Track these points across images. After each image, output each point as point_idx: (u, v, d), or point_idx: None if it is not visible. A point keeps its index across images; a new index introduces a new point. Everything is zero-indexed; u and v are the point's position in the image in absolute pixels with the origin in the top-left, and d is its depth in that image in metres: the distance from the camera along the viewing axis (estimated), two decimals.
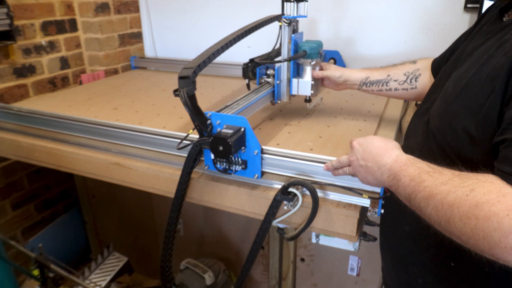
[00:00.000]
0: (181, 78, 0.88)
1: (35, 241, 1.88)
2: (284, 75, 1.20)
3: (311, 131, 1.20)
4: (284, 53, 1.18)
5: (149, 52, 2.26)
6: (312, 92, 1.20)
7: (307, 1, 1.16)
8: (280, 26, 1.16)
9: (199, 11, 2.04)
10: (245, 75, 1.20)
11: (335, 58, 1.76)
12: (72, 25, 1.91)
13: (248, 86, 1.21)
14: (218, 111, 0.94)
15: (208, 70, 0.99)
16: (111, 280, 1.61)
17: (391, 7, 1.65)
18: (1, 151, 1.31)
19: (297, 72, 1.22)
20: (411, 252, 0.82)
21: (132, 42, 2.16)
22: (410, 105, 1.57)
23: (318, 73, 1.18)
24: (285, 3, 1.15)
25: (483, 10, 1.31)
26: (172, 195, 1.00)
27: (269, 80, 1.21)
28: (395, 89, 1.12)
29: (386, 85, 1.12)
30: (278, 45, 1.21)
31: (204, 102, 1.46)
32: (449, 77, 0.77)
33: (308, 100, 1.24)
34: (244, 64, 1.19)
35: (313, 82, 1.18)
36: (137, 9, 2.16)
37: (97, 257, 1.72)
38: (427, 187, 0.59)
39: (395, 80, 1.11)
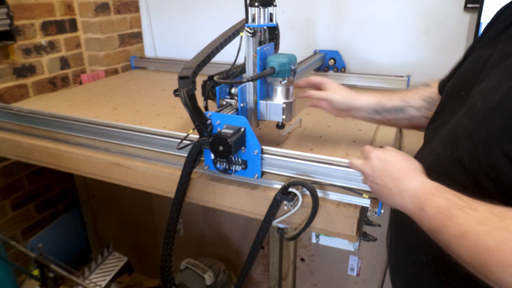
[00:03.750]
0: (181, 78, 0.88)
1: (35, 241, 1.87)
2: (249, 96, 0.99)
3: None
4: (249, 70, 0.97)
5: (149, 52, 2.26)
6: (284, 117, 0.99)
7: (275, 5, 0.95)
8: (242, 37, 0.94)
9: (199, 11, 2.04)
10: (203, 95, 1.00)
11: (335, 58, 1.76)
12: (72, 25, 1.91)
13: (205, 108, 1.00)
14: None
15: (204, 69, 0.98)
16: (111, 280, 1.62)
17: (391, 7, 1.65)
18: (1, 151, 1.31)
19: (266, 93, 1.02)
20: (429, 282, 0.74)
21: (132, 42, 2.16)
22: None
23: (314, 94, 1.01)
24: (248, 8, 0.93)
25: (483, 10, 1.32)
26: (172, 195, 1.00)
27: (232, 102, 0.99)
28: (415, 117, 0.93)
29: (404, 113, 0.93)
30: (243, 59, 0.99)
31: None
32: (468, 86, 0.67)
33: (280, 126, 1.03)
34: (203, 82, 1.00)
35: (284, 106, 0.98)
36: (137, 9, 2.16)
37: (97, 257, 1.72)
38: (460, 224, 0.52)
39: (413, 106, 0.93)
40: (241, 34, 0.94)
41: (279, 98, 0.99)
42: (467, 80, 0.70)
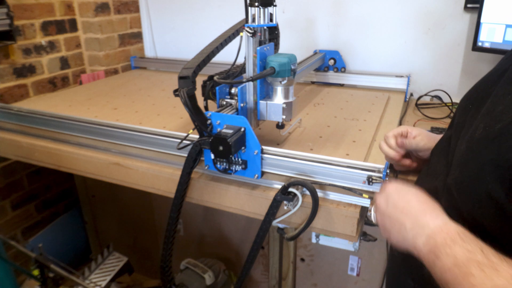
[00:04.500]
0: (181, 78, 0.88)
1: (35, 241, 1.87)
2: (249, 96, 1.00)
3: None
4: (249, 70, 0.98)
5: (149, 52, 2.26)
6: (284, 117, 1.00)
7: (275, 5, 0.96)
8: (242, 37, 0.95)
9: (199, 11, 2.04)
10: (203, 95, 1.00)
11: (335, 58, 1.76)
12: (72, 25, 1.91)
13: (205, 108, 1.00)
14: None
15: (204, 69, 0.98)
16: (111, 280, 1.61)
17: (391, 7, 1.65)
18: (1, 151, 1.31)
19: (266, 93, 1.02)
20: None
21: (132, 42, 2.16)
22: (410, 105, 1.57)
23: (408, 143, 0.84)
24: (248, 8, 0.93)
25: (483, 10, 1.32)
26: (172, 195, 1.00)
27: (232, 102, 0.99)
28: None
29: None
30: (243, 59, 1.00)
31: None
32: (479, 102, 0.60)
33: (280, 126, 1.03)
34: (203, 81, 1.00)
35: (284, 106, 0.98)
36: (137, 9, 2.16)
37: (97, 257, 1.72)
38: (475, 286, 0.45)
39: None
40: (241, 34, 0.95)
41: (279, 98, 1.00)
42: (482, 94, 0.63)
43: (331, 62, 1.77)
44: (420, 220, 0.55)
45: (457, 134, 0.64)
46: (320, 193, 0.88)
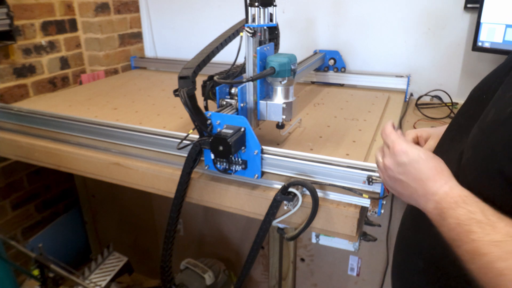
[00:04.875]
0: (181, 78, 0.88)
1: (35, 241, 1.87)
2: (249, 96, 1.00)
3: None
4: (249, 70, 0.98)
5: (149, 52, 2.26)
6: (284, 117, 1.00)
7: (275, 5, 0.96)
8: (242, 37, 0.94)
9: (199, 11, 2.04)
10: (203, 95, 1.00)
11: (335, 58, 1.76)
12: (72, 25, 1.91)
13: (205, 108, 1.00)
14: None
15: (204, 69, 0.98)
16: (111, 280, 1.61)
17: (391, 7, 1.65)
18: (1, 151, 1.31)
19: (266, 93, 1.02)
20: None
21: (132, 42, 2.16)
22: (410, 105, 1.57)
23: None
24: (248, 8, 0.93)
25: (483, 10, 1.32)
26: (172, 195, 1.00)
27: (232, 102, 0.99)
28: None
29: None
30: (243, 59, 1.00)
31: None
32: (493, 92, 0.64)
33: (280, 126, 1.04)
34: (203, 81, 1.00)
35: (284, 106, 0.98)
36: (137, 9, 2.16)
37: (97, 257, 1.72)
38: (474, 241, 0.51)
39: None
40: (241, 34, 0.95)
41: (279, 98, 1.00)
42: (490, 83, 0.68)
43: (331, 62, 1.77)
44: (430, 187, 0.60)
45: (471, 122, 0.66)
46: (320, 193, 0.88)
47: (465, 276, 0.54)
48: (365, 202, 0.85)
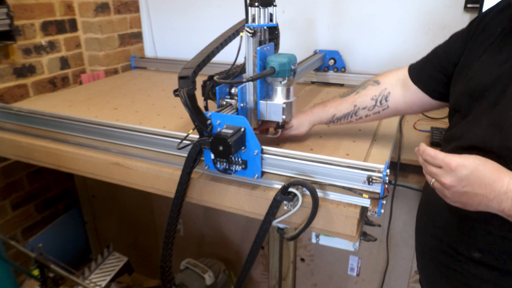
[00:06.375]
0: (181, 78, 0.88)
1: (35, 241, 1.87)
2: (249, 96, 1.00)
3: None
4: (249, 70, 0.97)
5: (149, 52, 2.26)
6: (284, 117, 1.00)
7: (275, 5, 0.96)
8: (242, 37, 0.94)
9: (199, 11, 2.04)
10: (203, 95, 1.00)
11: (335, 58, 1.76)
12: (72, 25, 1.91)
13: (205, 108, 1.00)
14: None
15: (204, 69, 0.98)
16: (111, 280, 1.62)
17: (391, 7, 1.65)
18: (1, 151, 1.31)
19: (266, 93, 1.02)
20: (483, 282, 0.77)
21: (132, 42, 2.16)
22: None
23: (283, 135, 1.07)
24: (248, 8, 0.93)
25: (483, 10, 1.31)
26: (172, 195, 1.00)
27: (232, 102, 0.99)
28: (366, 116, 1.05)
29: (356, 115, 1.05)
30: (243, 59, 1.00)
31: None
32: (492, 88, 0.74)
33: (280, 126, 1.05)
34: (203, 81, 1.00)
35: (284, 106, 0.98)
36: (137, 9, 2.16)
37: (97, 257, 1.72)
38: None
39: (364, 108, 1.04)
40: (241, 34, 0.94)
41: (279, 98, 0.99)
42: (488, 85, 0.75)
43: (331, 62, 1.77)
44: (500, 188, 0.63)
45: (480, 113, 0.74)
46: (320, 193, 0.88)
47: None
48: (365, 202, 0.85)
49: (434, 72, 0.94)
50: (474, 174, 0.64)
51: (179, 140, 0.96)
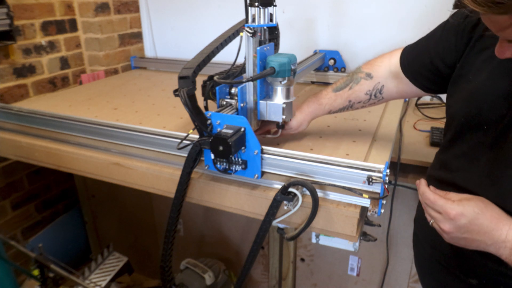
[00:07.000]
0: (181, 78, 0.88)
1: (35, 241, 1.88)
2: (249, 96, 0.99)
3: None
4: (249, 70, 0.97)
5: (149, 52, 2.26)
6: (284, 117, 1.00)
7: (275, 5, 0.96)
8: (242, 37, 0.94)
9: (199, 11, 2.04)
10: (203, 95, 1.00)
11: (335, 58, 1.76)
12: (72, 25, 1.91)
13: (205, 108, 0.99)
14: None
15: (204, 69, 0.98)
16: (111, 280, 1.62)
17: (391, 7, 1.65)
18: (1, 151, 1.31)
19: (266, 93, 1.02)
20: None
21: (132, 42, 2.16)
22: (410, 105, 1.57)
23: (283, 135, 1.08)
24: (248, 8, 0.93)
25: None
26: (172, 195, 1.00)
27: (232, 102, 0.99)
28: (362, 107, 1.07)
29: (351, 108, 1.07)
30: (243, 59, 1.00)
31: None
32: (496, 111, 0.69)
33: (280, 126, 1.05)
34: (203, 81, 1.00)
35: (284, 106, 0.98)
36: (137, 9, 2.16)
37: (97, 257, 1.72)
38: None
39: (359, 102, 1.05)
40: (241, 34, 0.94)
41: (279, 98, 0.99)
42: (489, 117, 0.71)
43: (331, 62, 1.77)
44: (498, 237, 0.63)
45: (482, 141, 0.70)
46: (320, 193, 0.88)
47: None
48: (365, 202, 0.85)
49: (425, 72, 0.92)
50: (473, 223, 0.64)
51: (179, 140, 0.96)
